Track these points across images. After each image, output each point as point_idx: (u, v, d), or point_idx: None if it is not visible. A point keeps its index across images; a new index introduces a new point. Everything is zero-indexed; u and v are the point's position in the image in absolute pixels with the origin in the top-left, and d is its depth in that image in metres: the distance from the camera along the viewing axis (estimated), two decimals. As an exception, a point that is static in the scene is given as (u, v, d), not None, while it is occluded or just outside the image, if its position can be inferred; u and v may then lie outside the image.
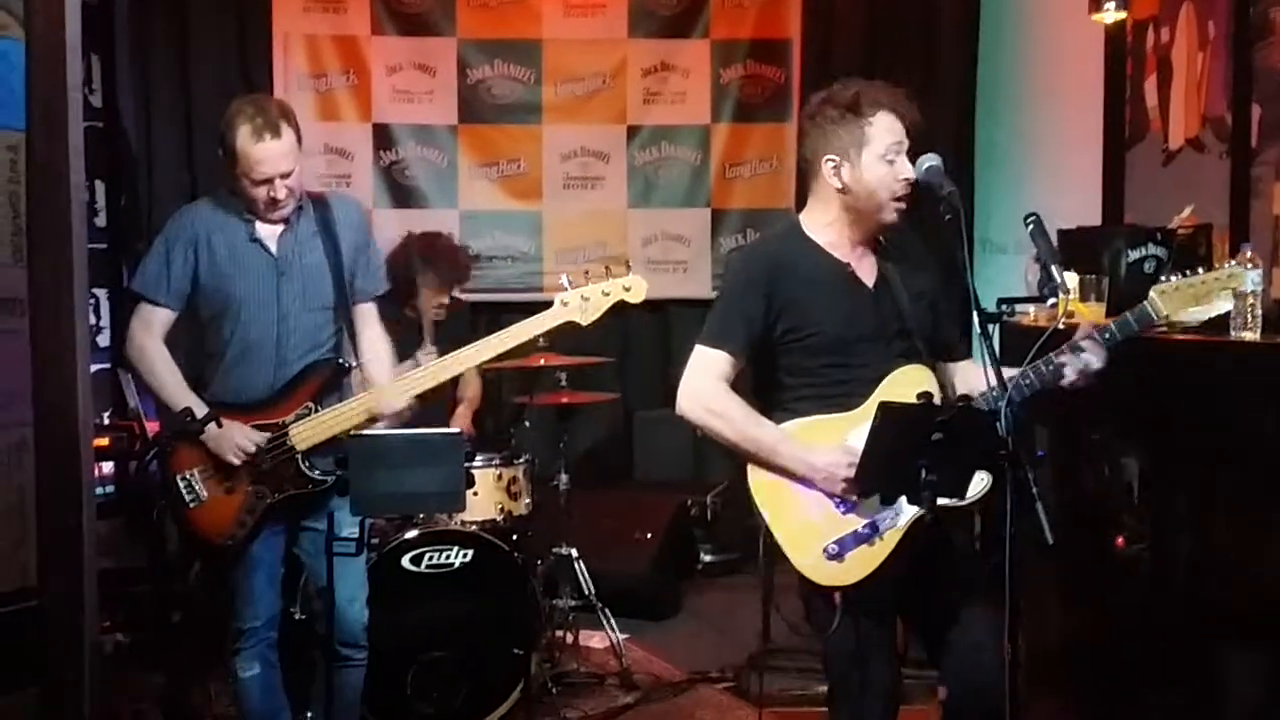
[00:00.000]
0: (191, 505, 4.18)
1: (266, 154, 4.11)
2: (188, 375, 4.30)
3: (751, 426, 3.47)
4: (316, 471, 4.21)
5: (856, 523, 3.36)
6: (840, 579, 3.36)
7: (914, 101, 3.56)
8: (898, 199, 3.46)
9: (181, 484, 4.18)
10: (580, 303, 4.19)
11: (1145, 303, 3.44)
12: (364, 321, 4.44)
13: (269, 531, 4.27)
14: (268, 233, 4.27)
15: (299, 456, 4.19)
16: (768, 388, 3.58)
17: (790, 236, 3.60)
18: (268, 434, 4.18)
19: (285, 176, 4.16)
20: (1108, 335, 3.42)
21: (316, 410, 4.22)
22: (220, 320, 4.25)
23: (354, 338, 4.42)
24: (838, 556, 3.35)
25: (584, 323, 4.21)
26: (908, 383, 3.41)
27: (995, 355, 3.21)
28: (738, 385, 3.55)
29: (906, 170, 3.45)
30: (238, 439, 4.14)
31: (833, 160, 3.50)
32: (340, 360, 4.33)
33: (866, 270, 3.56)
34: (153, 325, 4.27)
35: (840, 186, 3.50)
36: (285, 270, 4.25)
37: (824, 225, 3.55)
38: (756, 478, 3.49)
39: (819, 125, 3.54)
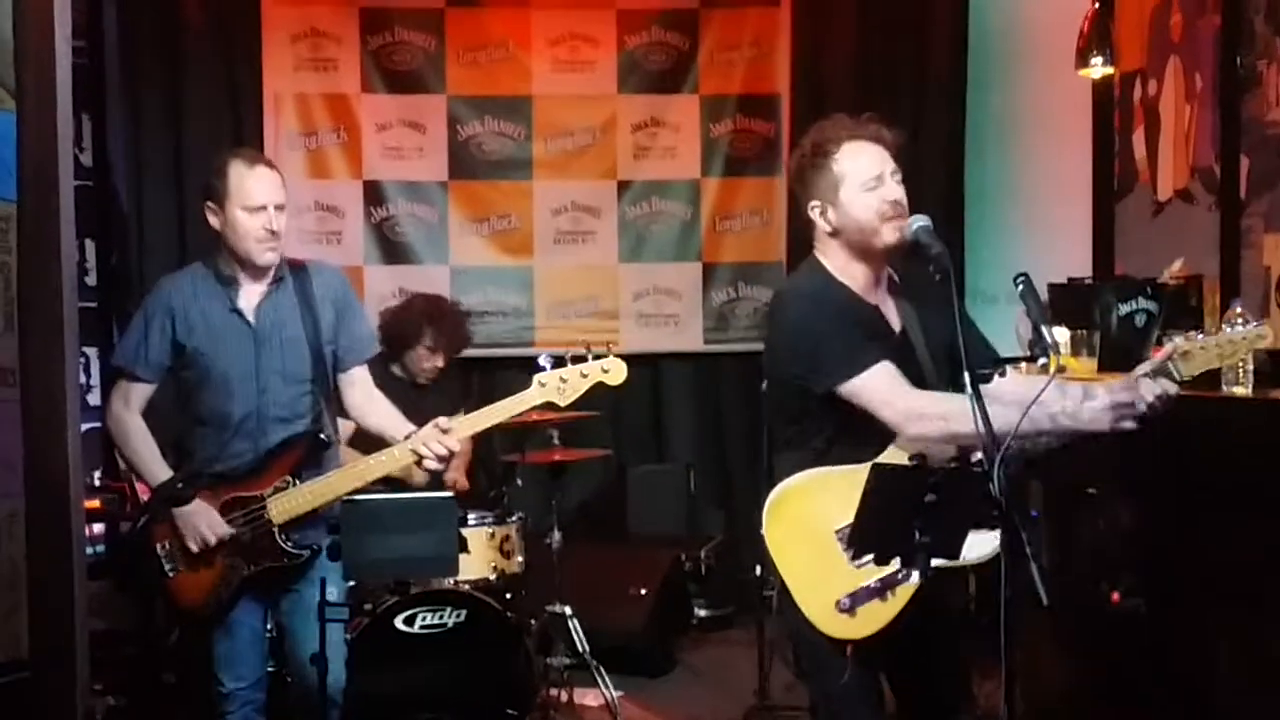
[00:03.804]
0: (170, 574, 4.23)
1: (261, 179, 4.25)
2: (173, 442, 4.36)
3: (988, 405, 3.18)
4: (291, 545, 4.23)
5: (869, 577, 3.34)
6: (851, 632, 3.36)
7: (894, 125, 3.56)
8: (890, 219, 3.42)
9: (161, 552, 4.22)
10: (559, 384, 4.18)
11: (1169, 362, 3.41)
12: (354, 387, 4.48)
13: (248, 597, 4.30)
14: (247, 304, 4.32)
15: (275, 530, 4.21)
16: (793, 424, 3.54)
17: (823, 280, 3.54)
18: (234, 514, 4.21)
19: (279, 210, 4.25)
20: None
21: (295, 484, 4.23)
22: (201, 391, 4.29)
23: (339, 408, 4.48)
24: (849, 610, 3.35)
25: (562, 404, 4.21)
26: None
27: (987, 415, 3.21)
28: (752, 410, 3.53)
29: (894, 192, 3.44)
30: (201, 528, 4.19)
31: (816, 205, 3.52)
32: (321, 434, 4.33)
33: (891, 313, 3.56)
34: (130, 399, 4.33)
35: (831, 229, 3.51)
36: (263, 342, 4.29)
37: (841, 268, 3.53)
38: (771, 527, 3.47)
39: (797, 177, 3.58)
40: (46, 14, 2.83)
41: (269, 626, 4.47)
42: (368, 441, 4.62)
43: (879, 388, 3.37)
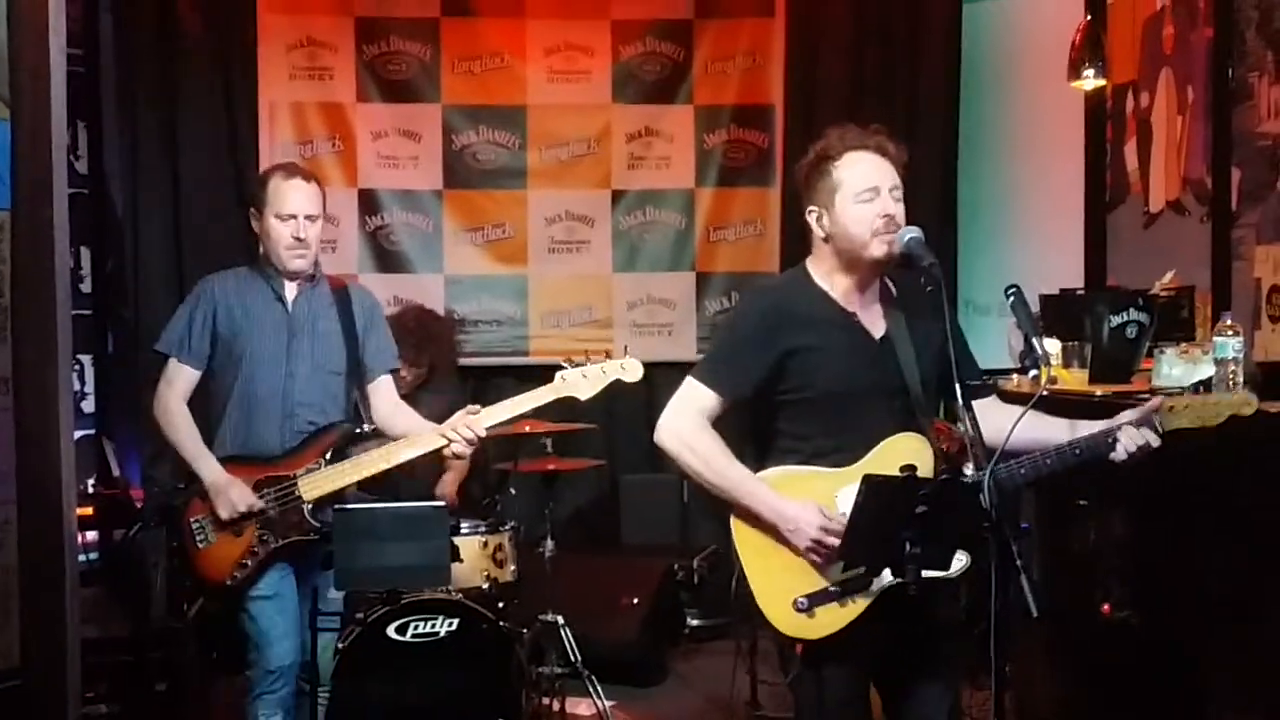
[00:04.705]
0: (201, 546, 4.41)
1: (295, 190, 4.52)
2: (202, 426, 4.55)
3: (725, 465, 3.47)
4: (319, 521, 4.39)
5: (830, 580, 3.36)
6: (806, 632, 3.36)
7: (899, 142, 3.55)
8: (881, 234, 3.42)
9: (194, 526, 4.42)
10: (581, 380, 4.37)
11: (1154, 415, 3.42)
12: (380, 395, 4.70)
13: (282, 570, 4.46)
14: (289, 294, 4.57)
15: (305, 506, 4.39)
16: (763, 435, 3.57)
17: (799, 283, 3.58)
18: (265, 492, 4.40)
19: (311, 220, 4.51)
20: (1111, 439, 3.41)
21: (325, 465, 4.44)
22: (232, 373, 4.51)
23: (366, 407, 4.66)
24: (806, 610, 3.35)
25: (583, 398, 4.39)
26: (900, 453, 3.39)
27: (979, 428, 3.22)
28: (745, 420, 3.57)
29: (888, 208, 3.43)
30: (234, 498, 4.36)
31: (814, 211, 3.53)
32: (356, 427, 4.54)
33: (874, 320, 3.54)
34: (176, 383, 4.54)
35: (824, 235, 3.51)
36: (297, 330, 4.54)
37: (826, 274, 3.54)
38: (739, 520, 3.48)
39: (802, 181, 3.58)
40: (41, 22, 2.83)
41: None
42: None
43: (687, 398, 3.54)
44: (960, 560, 3.27)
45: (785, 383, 3.48)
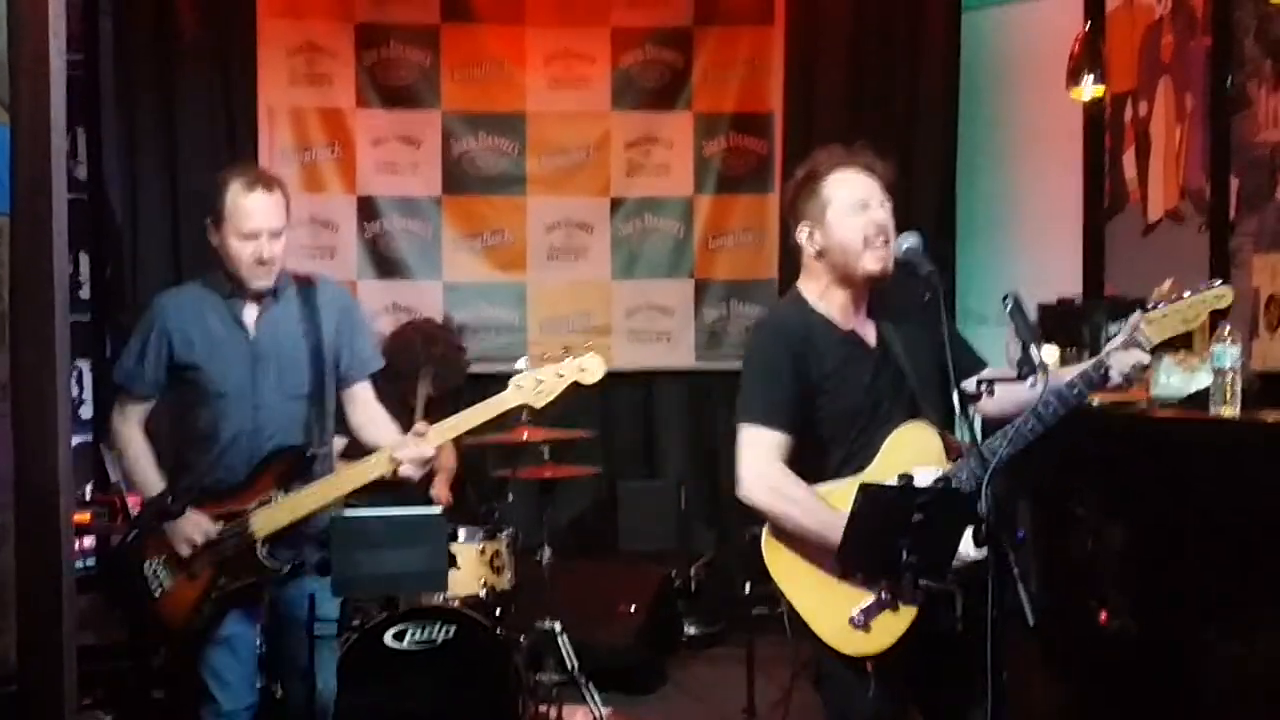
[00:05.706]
0: (156, 594, 4.18)
1: (256, 205, 4.15)
2: (169, 459, 4.33)
3: (819, 509, 3.39)
4: (271, 559, 4.16)
5: (877, 590, 3.35)
6: (869, 648, 3.36)
7: (888, 158, 3.59)
8: (873, 244, 3.46)
9: (148, 571, 4.18)
10: (535, 385, 4.10)
11: (1136, 332, 3.43)
12: (356, 403, 4.42)
13: (240, 613, 4.25)
14: (249, 317, 4.26)
15: (257, 544, 4.14)
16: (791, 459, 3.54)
17: (796, 309, 3.60)
18: (220, 525, 4.15)
19: (274, 235, 4.17)
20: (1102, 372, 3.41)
21: (280, 497, 4.17)
22: (197, 407, 4.25)
23: (340, 424, 4.42)
24: (864, 626, 3.35)
25: (537, 405, 4.14)
26: (908, 441, 3.44)
27: (975, 435, 3.23)
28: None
29: (879, 217, 3.47)
30: (187, 530, 4.13)
31: (805, 228, 3.56)
32: (308, 450, 4.25)
33: (869, 330, 3.58)
34: (130, 415, 4.32)
35: (816, 251, 3.55)
36: (262, 358, 4.23)
37: (820, 295, 3.57)
38: (772, 553, 3.48)
39: (790, 203, 3.65)
40: (41, 26, 2.83)
41: (259, 643, 4.45)
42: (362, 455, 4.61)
43: (759, 445, 3.46)
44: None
45: (812, 411, 3.49)
